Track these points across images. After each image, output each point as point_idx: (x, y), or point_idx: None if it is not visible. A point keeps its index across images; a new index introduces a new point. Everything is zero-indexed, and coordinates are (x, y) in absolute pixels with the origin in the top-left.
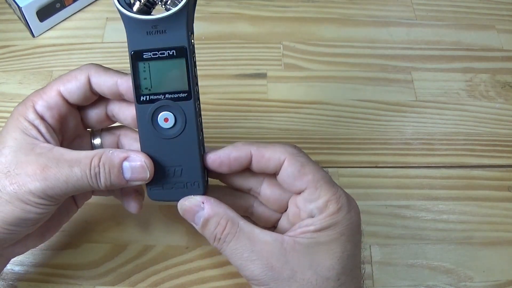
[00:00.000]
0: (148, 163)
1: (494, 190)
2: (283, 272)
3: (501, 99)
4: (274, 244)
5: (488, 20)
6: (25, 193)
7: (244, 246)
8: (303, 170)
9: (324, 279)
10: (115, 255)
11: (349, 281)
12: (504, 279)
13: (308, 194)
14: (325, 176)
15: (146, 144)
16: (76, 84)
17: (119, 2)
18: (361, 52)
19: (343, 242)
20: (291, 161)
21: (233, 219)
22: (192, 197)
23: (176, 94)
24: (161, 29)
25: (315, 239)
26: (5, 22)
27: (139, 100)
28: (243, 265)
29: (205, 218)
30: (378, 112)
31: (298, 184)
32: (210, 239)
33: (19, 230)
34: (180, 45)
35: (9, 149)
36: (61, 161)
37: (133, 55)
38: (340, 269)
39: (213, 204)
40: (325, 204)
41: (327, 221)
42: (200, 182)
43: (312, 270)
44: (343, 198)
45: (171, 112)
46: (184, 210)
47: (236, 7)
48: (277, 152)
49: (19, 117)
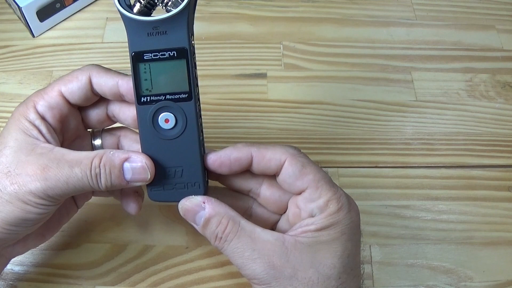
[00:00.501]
0: (149, 164)
1: (494, 190)
2: (285, 271)
3: (501, 99)
4: (275, 243)
5: (488, 20)
6: (26, 193)
7: (245, 245)
8: (304, 170)
9: (325, 278)
10: (115, 255)
11: (349, 280)
12: (504, 279)
13: (309, 194)
14: (325, 176)
15: (147, 145)
16: (77, 84)
17: (119, 4)
18: (361, 52)
19: (344, 241)
20: (292, 161)
21: (234, 218)
22: (192, 197)
23: (177, 95)
24: (161, 30)
25: (316, 238)
26: (5, 22)
27: (139, 101)
28: (244, 264)
29: (206, 218)
30: (378, 112)
31: (299, 184)
32: (211, 238)
33: (19, 230)
34: (180, 46)
35: (10, 149)
36: (62, 161)
37: (133, 56)
38: (341, 267)
39: (214, 204)
40: (326, 204)
41: (328, 220)
42: (200, 183)
43: (313, 268)
44: (344, 198)
45: (172, 113)
46: (185, 210)
47: (236, 7)
48: (277, 153)
49: (20, 117)
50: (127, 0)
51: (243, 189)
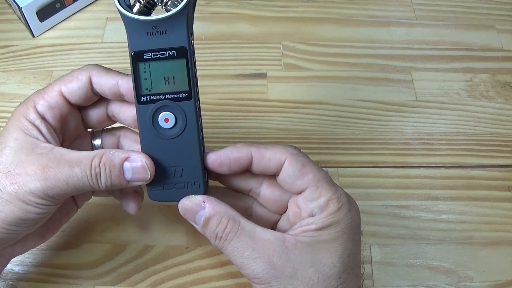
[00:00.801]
0: (149, 164)
1: (494, 190)
2: (285, 270)
3: (501, 99)
4: (275, 242)
5: (488, 20)
6: (26, 193)
7: (245, 245)
8: (304, 170)
9: (325, 277)
10: (115, 255)
11: (349, 280)
12: (504, 279)
13: (309, 193)
14: (325, 175)
15: (147, 145)
16: (77, 84)
17: (119, 3)
18: (361, 52)
19: (344, 240)
20: (292, 161)
21: (234, 217)
22: (193, 197)
23: (177, 95)
24: (161, 30)
25: (317, 238)
26: (5, 22)
27: (139, 101)
28: (244, 264)
29: (206, 217)
30: (378, 112)
31: (299, 184)
32: (211, 238)
33: (19, 230)
34: (180, 45)
35: (10, 149)
36: (62, 161)
37: (133, 56)
38: (341, 267)
39: (214, 203)
40: (326, 203)
41: (328, 220)
42: (200, 182)
43: (313, 268)
44: (344, 197)
45: (172, 112)
46: (185, 209)
47: (236, 7)
48: (277, 152)
49: (20, 117)
50: (127, 0)
51: (243, 189)
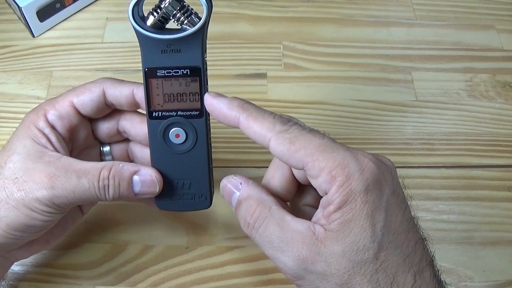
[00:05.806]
0: (158, 178)
1: (494, 190)
2: (317, 265)
3: (501, 99)
4: (305, 233)
5: (488, 20)
6: (32, 200)
7: (273, 234)
8: (292, 147)
9: (361, 264)
10: (115, 255)
11: (391, 255)
12: (504, 279)
13: (309, 171)
14: (320, 144)
15: (157, 158)
16: (90, 96)
17: (134, 19)
18: (361, 52)
19: (369, 212)
20: (278, 140)
21: (265, 202)
22: (232, 177)
23: (188, 112)
24: (176, 48)
25: (341, 220)
26: (5, 22)
27: (151, 116)
28: (274, 256)
29: (238, 200)
30: (378, 112)
31: (294, 164)
32: (242, 224)
33: (24, 235)
34: (194, 65)
35: (18, 156)
36: (69, 171)
37: (147, 72)
38: (376, 246)
39: (249, 186)
40: (330, 176)
41: (341, 194)
42: (207, 195)
43: (345, 258)
44: (348, 159)
45: (183, 129)
46: (224, 190)
47: (236, 7)
48: (264, 128)
49: (30, 124)
50: (140, 12)
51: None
